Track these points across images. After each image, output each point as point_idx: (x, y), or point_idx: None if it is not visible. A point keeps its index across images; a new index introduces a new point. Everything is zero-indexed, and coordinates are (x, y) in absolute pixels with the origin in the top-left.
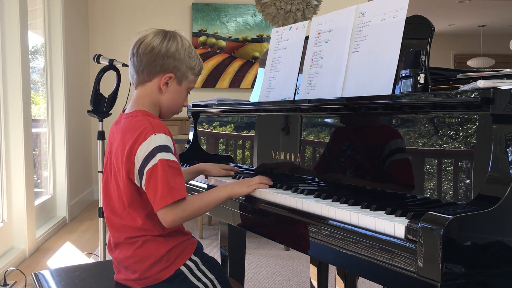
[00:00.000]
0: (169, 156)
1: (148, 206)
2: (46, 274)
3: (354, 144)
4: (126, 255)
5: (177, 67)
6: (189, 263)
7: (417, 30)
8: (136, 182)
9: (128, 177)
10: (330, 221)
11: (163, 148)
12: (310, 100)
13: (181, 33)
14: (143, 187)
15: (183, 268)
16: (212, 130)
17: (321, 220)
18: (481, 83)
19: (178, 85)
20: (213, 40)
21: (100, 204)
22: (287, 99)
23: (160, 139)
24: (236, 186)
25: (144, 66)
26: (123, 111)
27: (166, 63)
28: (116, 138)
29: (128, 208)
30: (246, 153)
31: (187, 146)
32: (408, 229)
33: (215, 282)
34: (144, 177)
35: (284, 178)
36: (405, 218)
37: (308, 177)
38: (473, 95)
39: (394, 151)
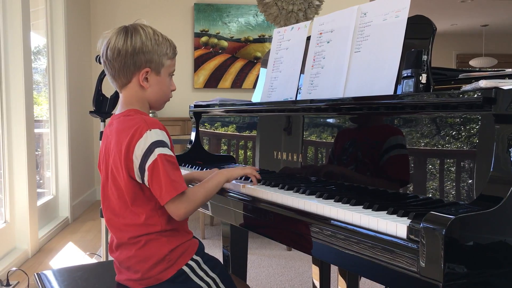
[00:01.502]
0: (167, 151)
1: (151, 201)
2: (49, 274)
3: (356, 144)
4: (128, 255)
5: (149, 59)
6: (191, 262)
7: (419, 30)
8: (138, 179)
9: (129, 175)
10: (332, 221)
11: (160, 143)
12: (312, 100)
13: (142, 22)
14: (146, 183)
15: (185, 268)
16: (214, 130)
17: (323, 220)
18: (483, 83)
19: (158, 76)
20: (215, 40)
21: None
22: (289, 99)
23: (156, 134)
24: (231, 170)
25: (118, 70)
26: (114, 114)
27: (137, 61)
28: (111, 139)
29: (131, 206)
30: (248, 153)
31: (189, 146)
32: (410, 229)
33: (217, 280)
34: (146, 173)
35: (286, 178)
36: (407, 218)
37: (310, 177)
38: (475, 95)
39: (396, 151)
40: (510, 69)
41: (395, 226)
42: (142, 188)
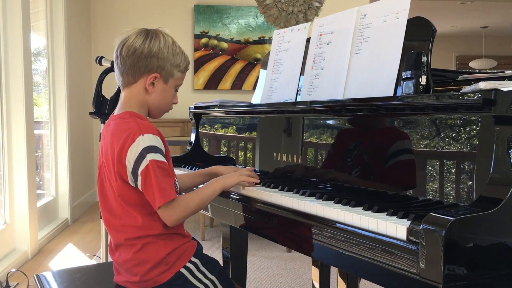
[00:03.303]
0: (158, 157)
1: (147, 204)
2: (48, 275)
3: (356, 146)
4: (126, 258)
5: (162, 66)
6: (189, 265)
7: (418, 32)
8: (131, 183)
9: (122, 179)
10: (331, 222)
11: (152, 149)
12: (311, 102)
13: (164, 31)
14: (140, 188)
15: (183, 270)
16: (214, 131)
17: (323, 221)
18: (482, 85)
19: (165, 84)
20: (215, 41)
21: None
22: (289, 101)
23: (148, 139)
24: (227, 178)
25: (128, 68)
26: (113, 114)
27: (150, 64)
28: (106, 140)
29: (127, 207)
30: (248, 155)
31: (189, 147)
32: (410, 231)
33: (216, 282)
34: (139, 178)
35: (285, 179)
36: (407, 220)
37: (310, 179)
38: (475, 96)
39: (395, 152)
40: (509, 71)
41: (395, 228)
42: (136, 192)
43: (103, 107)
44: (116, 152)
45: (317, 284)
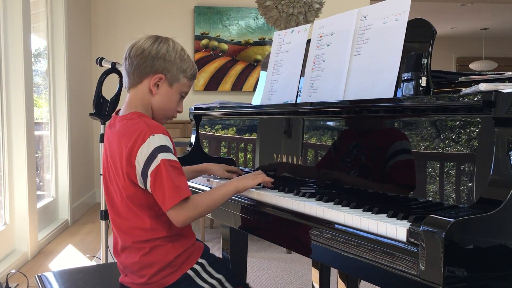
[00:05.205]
0: (170, 156)
1: (155, 206)
2: (50, 276)
3: (356, 147)
4: (133, 261)
5: (167, 68)
6: (195, 266)
7: (419, 33)
8: (140, 184)
9: (130, 180)
10: (331, 224)
11: (163, 149)
12: (312, 103)
13: (176, 40)
14: (149, 189)
15: (190, 272)
16: (214, 133)
17: (323, 223)
18: (482, 86)
19: (169, 88)
20: (215, 43)
21: (102, 207)
22: (289, 102)
23: (159, 139)
24: (241, 180)
25: (135, 68)
26: (116, 113)
27: (156, 64)
28: (112, 141)
29: (135, 208)
30: (248, 156)
31: (189, 149)
32: (410, 232)
33: (223, 280)
34: (149, 179)
35: (286, 181)
36: (407, 221)
37: (310, 180)
38: (475, 98)
39: (396, 154)
40: (510, 73)
41: (395, 229)
42: (145, 193)
43: (103, 108)
44: (126, 153)
45: (317, 286)
